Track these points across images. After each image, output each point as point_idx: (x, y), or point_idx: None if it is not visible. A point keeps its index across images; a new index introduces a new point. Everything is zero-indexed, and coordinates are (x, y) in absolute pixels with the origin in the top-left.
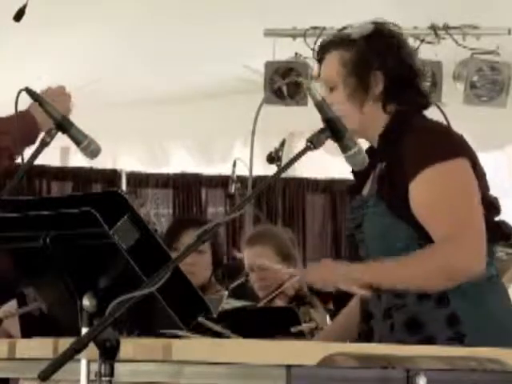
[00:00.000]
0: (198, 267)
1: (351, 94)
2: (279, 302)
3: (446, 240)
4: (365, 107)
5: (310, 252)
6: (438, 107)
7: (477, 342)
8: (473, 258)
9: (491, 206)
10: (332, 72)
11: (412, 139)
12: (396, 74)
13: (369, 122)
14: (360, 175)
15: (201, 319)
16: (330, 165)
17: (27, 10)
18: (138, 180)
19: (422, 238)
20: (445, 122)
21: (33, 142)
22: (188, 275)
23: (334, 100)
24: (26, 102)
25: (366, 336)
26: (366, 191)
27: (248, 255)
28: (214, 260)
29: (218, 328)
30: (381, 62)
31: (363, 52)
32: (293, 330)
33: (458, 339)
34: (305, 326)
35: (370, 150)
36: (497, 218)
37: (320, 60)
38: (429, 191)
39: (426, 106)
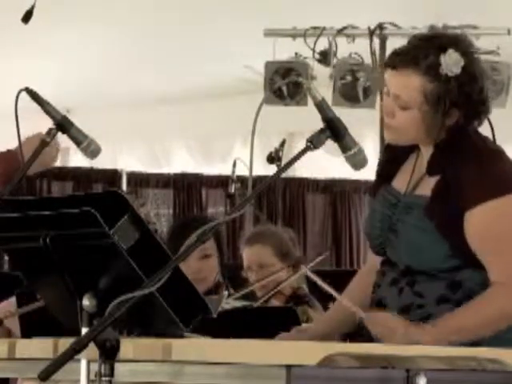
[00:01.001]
0: (207, 272)
1: (427, 124)
2: (275, 302)
3: (505, 284)
4: (433, 134)
5: (310, 252)
6: (491, 127)
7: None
8: None
9: None
10: (411, 97)
11: (474, 165)
12: (474, 108)
13: (428, 127)
14: (390, 164)
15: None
16: (330, 165)
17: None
18: (139, 180)
19: (461, 258)
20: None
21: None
22: (198, 282)
23: (403, 120)
24: (26, 101)
25: None
26: (398, 186)
27: (247, 255)
28: (220, 261)
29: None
30: (464, 101)
31: (450, 92)
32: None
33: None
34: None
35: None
36: None
37: (394, 66)
38: (493, 223)
39: (479, 122)
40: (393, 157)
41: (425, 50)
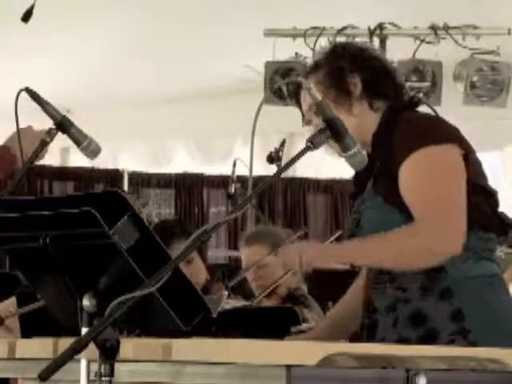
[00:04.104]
0: (196, 276)
1: (335, 101)
2: (269, 303)
3: (426, 220)
4: (353, 110)
5: None
6: (428, 105)
7: (481, 337)
8: (449, 242)
9: (488, 195)
10: (312, 95)
11: (402, 129)
12: (368, 70)
13: (363, 124)
14: (360, 181)
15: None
16: (330, 165)
17: None
18: (140, 180)
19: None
20: None
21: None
22: None
23: None
24: (26, 101)
25: (369, 330)
26: (365, 194)
27: (246, 254)
28: (202, 258)
29: None
30: (350, 63)
31: (331, 63)
32: (293, 329)
33: (462, 334)
34: (305, 326)
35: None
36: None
37: (299, 102)
38: (413, 174)
39: (417, 103)
40: (361, 171)
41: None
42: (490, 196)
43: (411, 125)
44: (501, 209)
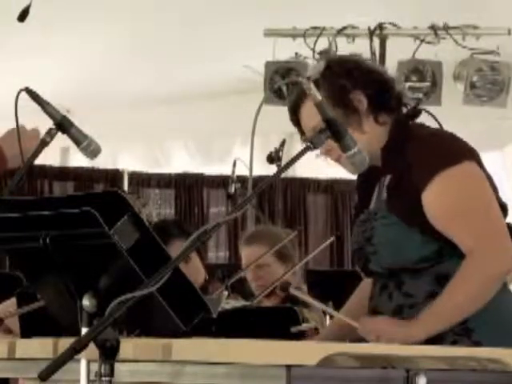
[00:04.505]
0: (194, 274)
1: (346, 121)
2: (268, 303)
3: (477, 250)
4: (363, 127)
5: (311, 252)
6: (428, 112)
7: (484, 337)
8: (504, 259)
9: (501, 208)
10: (316, 115)
11: (417, 148)
12: (370, 84)
13: (373, 139)
14: (364, 192)
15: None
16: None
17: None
18: (140, 180)
19: (436, 243)
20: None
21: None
22: None
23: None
24: (26, 101)
25: None
26: (372, 205)
27: (245, 254)
28: (201, 257)
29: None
30: (350, 80)
31: (330, 82)
32: (293, 329)
33: (466, 334)
34: (305, 326)
35: (372, 168)
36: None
37: (297, 122)
38: (445, 198)
39: (418, 112)
40: (366, 181)
41: (295, 89)
42: (501, 207)
43: (428, 144)
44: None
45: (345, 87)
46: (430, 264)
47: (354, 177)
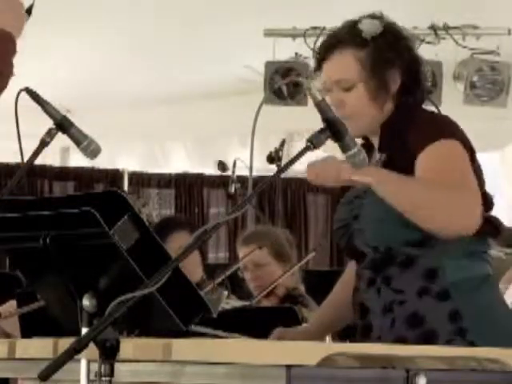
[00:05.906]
0: (190, 267)
1: (374, 94)
2: (267, 303)
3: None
4: (384, 107)
5: (311, 252)
6: (434, 104)
7: (479, 337)
8: (470, 216)
9: (487, 201)
10: (350, 72)
11: (415, 127)
12: (411, 69)
13: (383, 119)
14: None
15: (194, 327)
16: None
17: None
18: (140, 180)
19: (419, 233)
20: None
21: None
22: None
23: (353, 101)
24: (26, 101)
25: (363, 332)
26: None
27: (243, 254)
28: (202, 256)
29: (210, 331)
30: (398, 58)
31: (381, 51)
32: None
33: (460, 334)
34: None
35: (365, 143)
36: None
37: (324, 59)
38: (431, 159)
39: (424, 99)
40: None
41: (342, 30)
42: (489, 202)
43: (425, 121)
44: (501, 208)
45: (389, 61)
46: (414, 253)
47: None
